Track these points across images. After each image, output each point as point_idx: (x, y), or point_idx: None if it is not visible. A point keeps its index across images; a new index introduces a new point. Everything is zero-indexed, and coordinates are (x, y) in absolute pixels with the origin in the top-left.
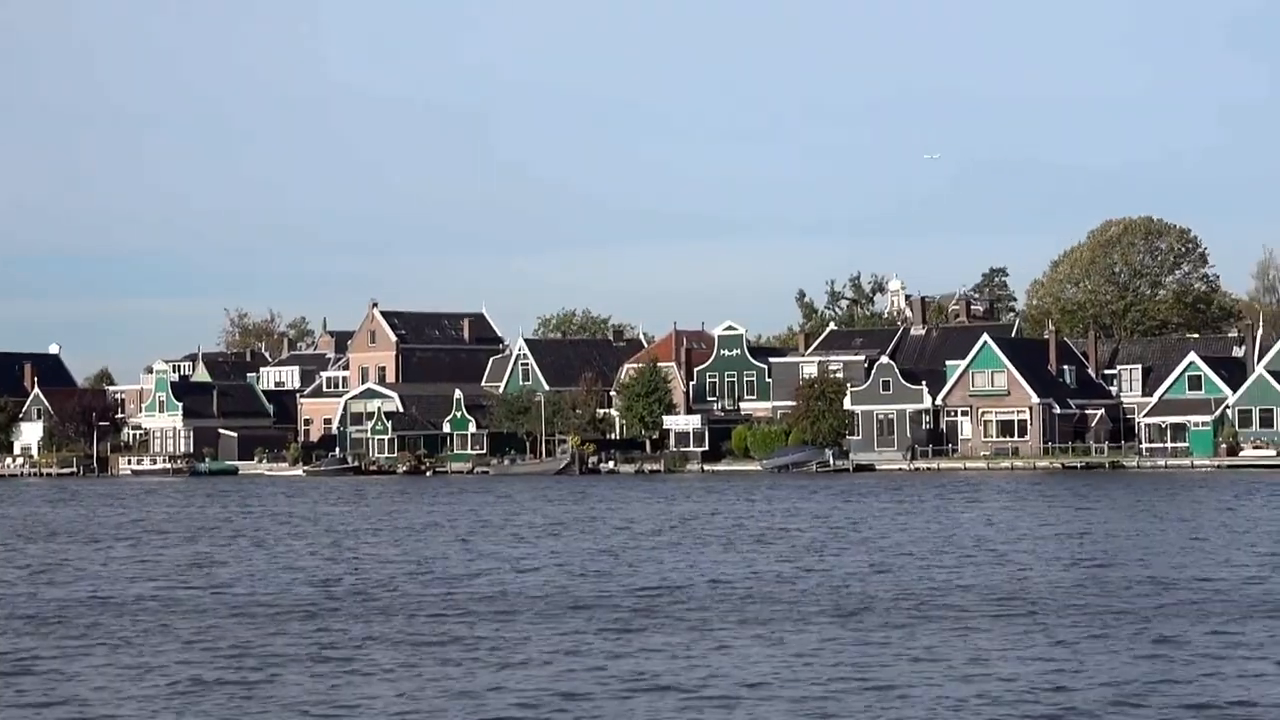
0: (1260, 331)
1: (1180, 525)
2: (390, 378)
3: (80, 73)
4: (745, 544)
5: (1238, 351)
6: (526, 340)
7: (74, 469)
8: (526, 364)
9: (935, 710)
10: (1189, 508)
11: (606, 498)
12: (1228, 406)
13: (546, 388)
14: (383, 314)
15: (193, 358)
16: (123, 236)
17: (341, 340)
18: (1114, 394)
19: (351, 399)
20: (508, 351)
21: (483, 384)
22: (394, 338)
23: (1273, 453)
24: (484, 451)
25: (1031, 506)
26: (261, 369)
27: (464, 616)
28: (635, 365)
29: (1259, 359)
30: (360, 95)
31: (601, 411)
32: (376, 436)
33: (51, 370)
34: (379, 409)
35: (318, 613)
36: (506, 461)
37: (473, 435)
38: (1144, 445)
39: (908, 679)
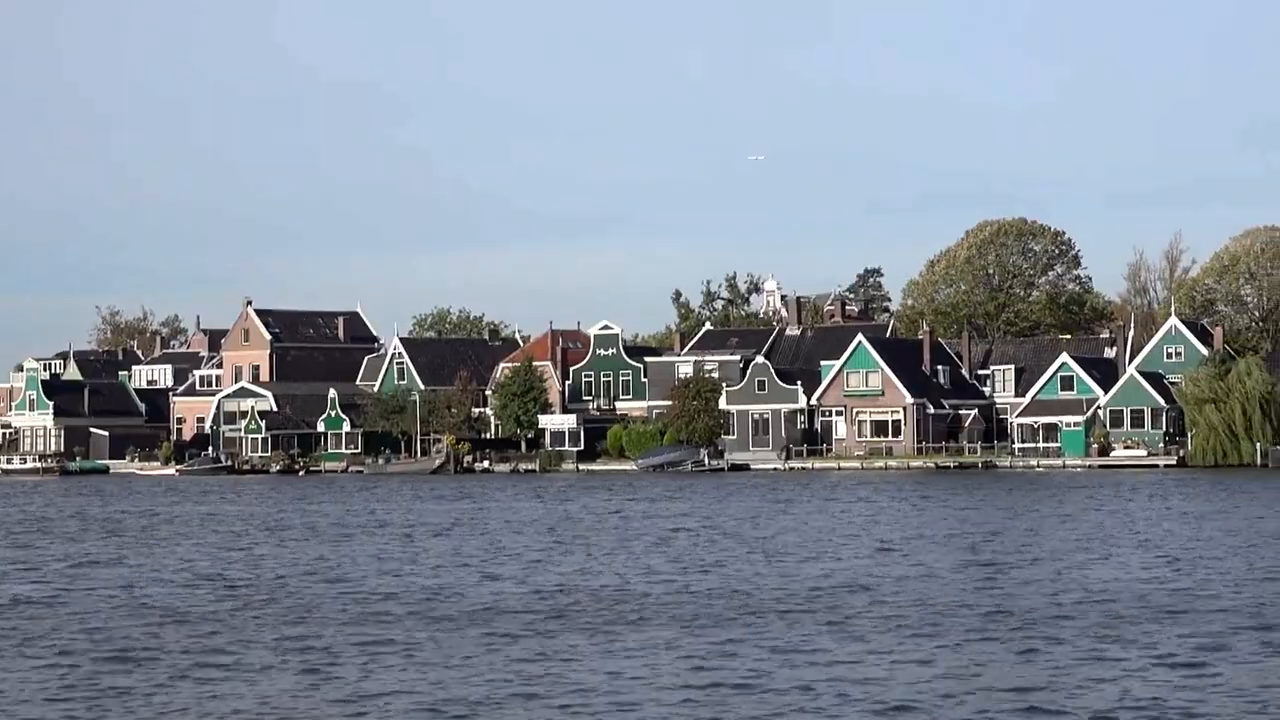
0: (1132, 333)
1: (1057, 525)
2: (264, 376)
3: None
4: (640, 546)
5: (1109, 353)
6: (401, 339)
7: None
8: (401, 363)
9: (809, 713)
10: (1070, 507)
11: (489, 497)
12: (1099, 407)
13: (422, 387)
14: (257, 312)
15: (64, 355)
16: None
17: (215, 339)
18: (987, 394)
19: (225, 398)
20: (383, 350)
21: (357, 383)
22: (268, 336)
23: (1143, 453)
24: (358, 451)
25: (905, 507)
26: (134, 367)
27: (349, 620)
28: (511, 365)
29: (1130, 360)
30: (235, 91)
31: (477, 411)
32: (250, 436)
33: None
34: (252, 408)
35: (198, 616)
36: (381, 461)
37: (347, 434)
38: (1017, 445)
39: (783, 682)
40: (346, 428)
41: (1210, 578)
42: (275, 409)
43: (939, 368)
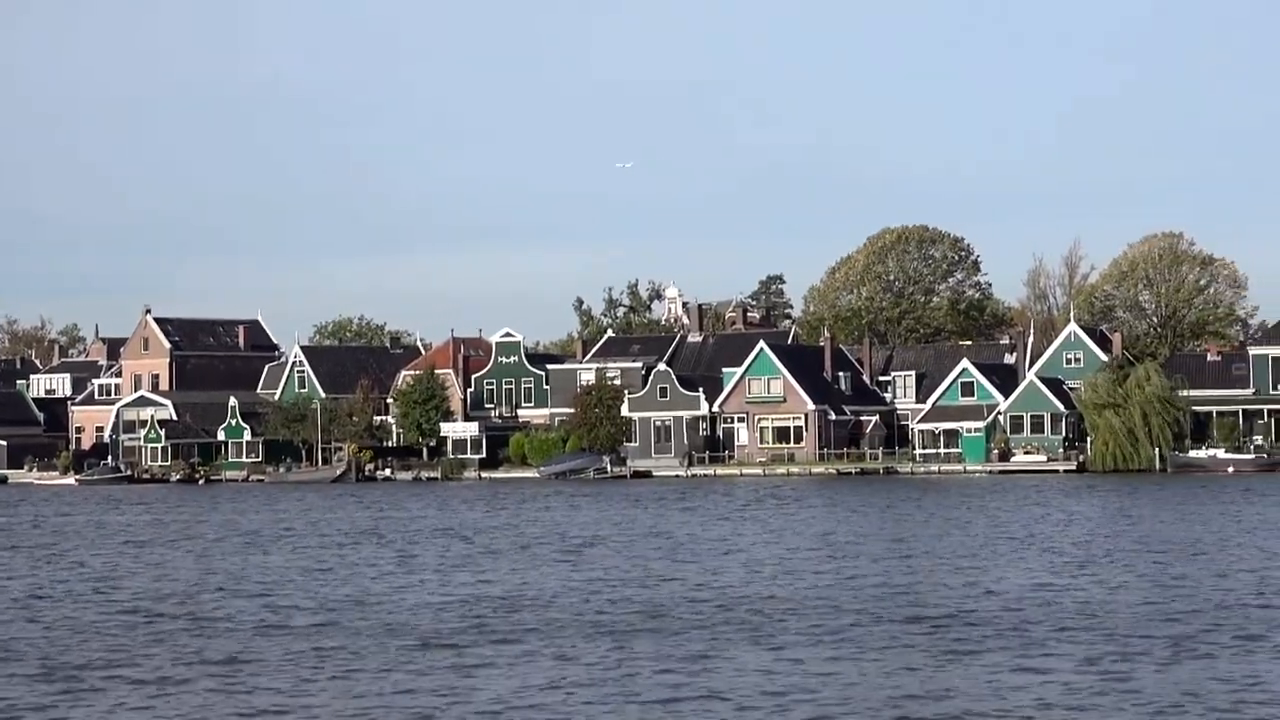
0: (1031, 339)
1: (963, 530)
2: (164, 385)
3: None
4: (556, 555)
5: (1009, 358)
6: (302, 347)
7: None
8: (302, 371)
9: None
10: (974, 512)
11: (400, 505)
12: (999, 412)
13: (323, 395)
14: (156, 321)
15: None
16: None
17: (114, 347)
18: (888, 400)
19: (124, 407)
20: (283, 359)
21: (258, 391)
22: (168, 345)
23: (1043, 458)
24: (259, 459)
25: (814, 514)
26: (32, 376)
27: (257, 632)
28: (412, 372)
29: (1030, 366)
30: (134, 95)
31: (378, 419)
32: (150, 444)
33: None
34: (152, 417)
35: (106, 628)
36: (282, 469)
37: (248, 443)
38: (918, 451)
39: (694, 691)
40: (247, 436)
41: (1120, 582)
42: (175, 418)
43: (840, 374)
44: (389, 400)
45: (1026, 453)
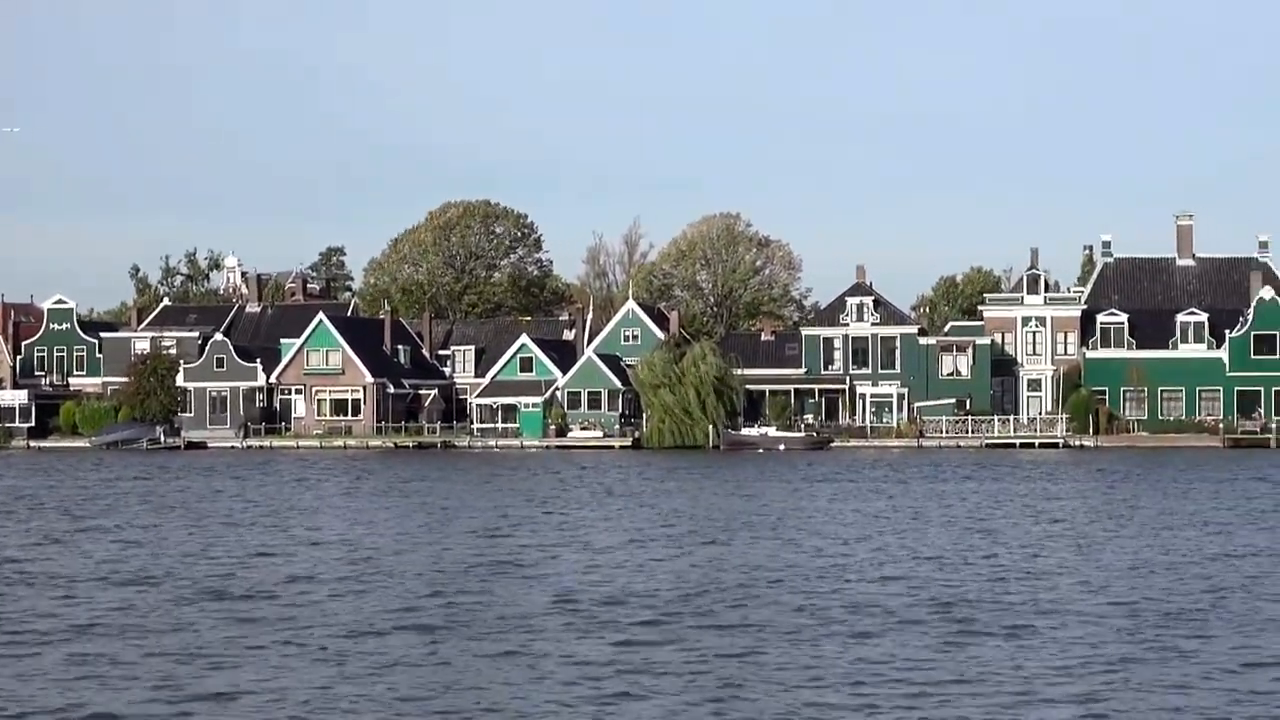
0: (590, 315)
1: (523, 511)
2: None
3: None
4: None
5: (569, 335)
6: None
7: None
8: None
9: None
10: (536, 488)
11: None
12: (558, 388)
13: None
14: None
15: None
16: None
17: None
18: (448, 374)
19: None
20: None
21: None
22: None
23: (599, 434)
24: None
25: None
26: None
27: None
28: None
29: (589, 342)
30: None
31: None
32: None
33: None
34: None
35: None
36: None
37: None
38: (476, 426)
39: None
40: None
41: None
42: None
43: (400, 347)
44: None
45: (583, 428)
